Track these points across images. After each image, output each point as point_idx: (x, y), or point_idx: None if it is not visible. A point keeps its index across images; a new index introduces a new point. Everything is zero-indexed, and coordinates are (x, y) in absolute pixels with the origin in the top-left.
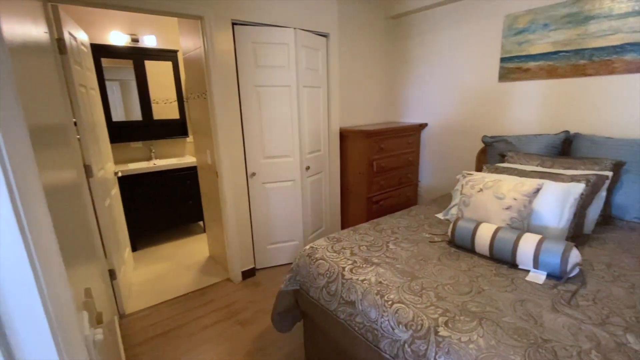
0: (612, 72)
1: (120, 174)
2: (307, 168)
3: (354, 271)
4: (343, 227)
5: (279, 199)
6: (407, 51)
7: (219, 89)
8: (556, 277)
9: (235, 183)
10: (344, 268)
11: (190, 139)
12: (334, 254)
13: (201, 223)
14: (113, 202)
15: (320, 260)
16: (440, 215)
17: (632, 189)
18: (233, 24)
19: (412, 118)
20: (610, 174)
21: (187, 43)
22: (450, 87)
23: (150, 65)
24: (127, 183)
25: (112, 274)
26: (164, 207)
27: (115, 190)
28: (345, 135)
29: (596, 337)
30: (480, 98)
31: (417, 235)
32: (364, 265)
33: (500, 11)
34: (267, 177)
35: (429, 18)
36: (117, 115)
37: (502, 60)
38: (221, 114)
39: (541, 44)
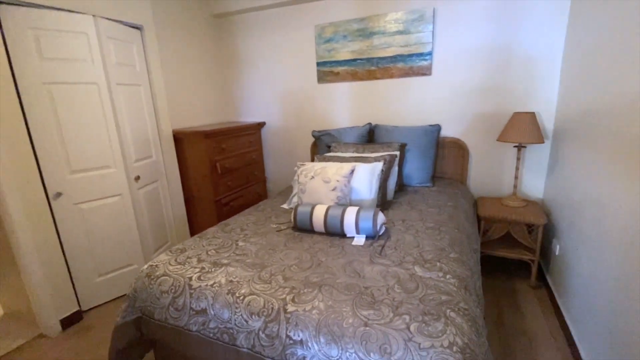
0: (391, 76)
1: None
2: (137, 178)
3: (202, 278)
4: (192, 236)
5: (102, 220)
6: (237, 52)
7: None
8: (371, 237)
9: (29, 210)
10: (190, 278)
11: None
12: (179, 266)
13: None
14: None
15: (163, 277)
16: (285, 206)
17: (413, 163)
18: None
19: (250, 117)
20: (398, 153)
21: None
22: (281, 88)
23: None
24: None
25: None
26: None
27: None
28: (180, 138)
29: (397, 274)
30: (306, 98)
31: (265, 227)
32: (213, 269)
33: (311, 21)
34: (80, 196)
35: (253, 21)
36: None
37: (318, 64)
38: None
39: (344, 52)
